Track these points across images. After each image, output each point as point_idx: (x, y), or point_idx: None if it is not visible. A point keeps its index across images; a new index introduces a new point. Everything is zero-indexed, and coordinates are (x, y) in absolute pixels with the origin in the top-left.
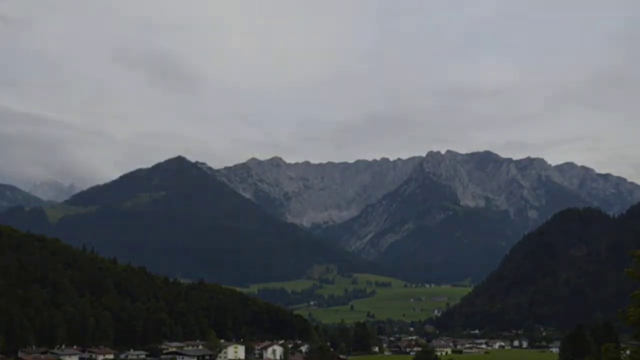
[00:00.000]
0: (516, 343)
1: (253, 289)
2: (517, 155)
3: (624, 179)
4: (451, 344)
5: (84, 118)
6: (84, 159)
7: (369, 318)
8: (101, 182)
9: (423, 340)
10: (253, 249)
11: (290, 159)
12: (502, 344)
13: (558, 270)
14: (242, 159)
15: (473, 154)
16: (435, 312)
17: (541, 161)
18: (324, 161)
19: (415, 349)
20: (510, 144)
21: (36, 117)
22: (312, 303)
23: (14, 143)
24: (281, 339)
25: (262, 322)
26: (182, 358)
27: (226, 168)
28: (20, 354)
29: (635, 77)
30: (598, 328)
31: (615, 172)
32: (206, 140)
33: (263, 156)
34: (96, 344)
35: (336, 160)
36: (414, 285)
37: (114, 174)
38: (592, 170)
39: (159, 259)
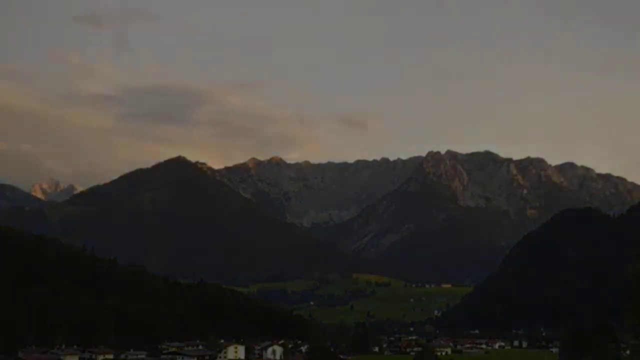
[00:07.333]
0: (516, 343)
1: (253, 289)
2: (517, 156)
3: (624, 179)
4: (451, 344)
5: None
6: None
7: (369, 318)
8: (101, 182)
9: (423, 340)
10: (253, 249)
11: (290, 159)
12: (502, 344)
13: (558, 271)
14: (242, 159)
15: (473, 154)
16: (435, 312)
17: (541, 161)
18: (324, 161)
19: (415, 349)
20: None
21: None
22: (312, 303)
23: None
24: (281, 339)
25: (262, 322)
26: (182, 358)
27: (226, 168)
28: (20, 354)
29: None
30: (598, 328)
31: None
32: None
33: (263, 156)
34: (96, 344)
35: (336, 160)
36: (414, 285)
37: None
38: (592, 170)
39: (159, 259)
